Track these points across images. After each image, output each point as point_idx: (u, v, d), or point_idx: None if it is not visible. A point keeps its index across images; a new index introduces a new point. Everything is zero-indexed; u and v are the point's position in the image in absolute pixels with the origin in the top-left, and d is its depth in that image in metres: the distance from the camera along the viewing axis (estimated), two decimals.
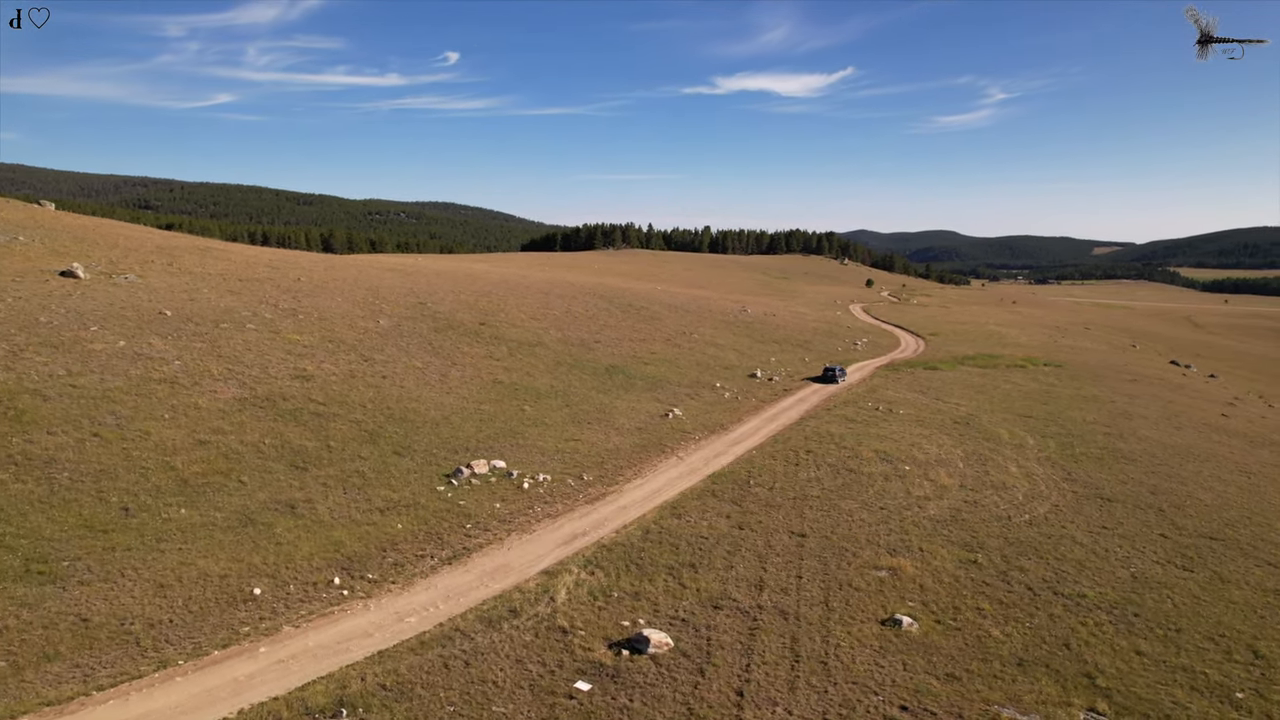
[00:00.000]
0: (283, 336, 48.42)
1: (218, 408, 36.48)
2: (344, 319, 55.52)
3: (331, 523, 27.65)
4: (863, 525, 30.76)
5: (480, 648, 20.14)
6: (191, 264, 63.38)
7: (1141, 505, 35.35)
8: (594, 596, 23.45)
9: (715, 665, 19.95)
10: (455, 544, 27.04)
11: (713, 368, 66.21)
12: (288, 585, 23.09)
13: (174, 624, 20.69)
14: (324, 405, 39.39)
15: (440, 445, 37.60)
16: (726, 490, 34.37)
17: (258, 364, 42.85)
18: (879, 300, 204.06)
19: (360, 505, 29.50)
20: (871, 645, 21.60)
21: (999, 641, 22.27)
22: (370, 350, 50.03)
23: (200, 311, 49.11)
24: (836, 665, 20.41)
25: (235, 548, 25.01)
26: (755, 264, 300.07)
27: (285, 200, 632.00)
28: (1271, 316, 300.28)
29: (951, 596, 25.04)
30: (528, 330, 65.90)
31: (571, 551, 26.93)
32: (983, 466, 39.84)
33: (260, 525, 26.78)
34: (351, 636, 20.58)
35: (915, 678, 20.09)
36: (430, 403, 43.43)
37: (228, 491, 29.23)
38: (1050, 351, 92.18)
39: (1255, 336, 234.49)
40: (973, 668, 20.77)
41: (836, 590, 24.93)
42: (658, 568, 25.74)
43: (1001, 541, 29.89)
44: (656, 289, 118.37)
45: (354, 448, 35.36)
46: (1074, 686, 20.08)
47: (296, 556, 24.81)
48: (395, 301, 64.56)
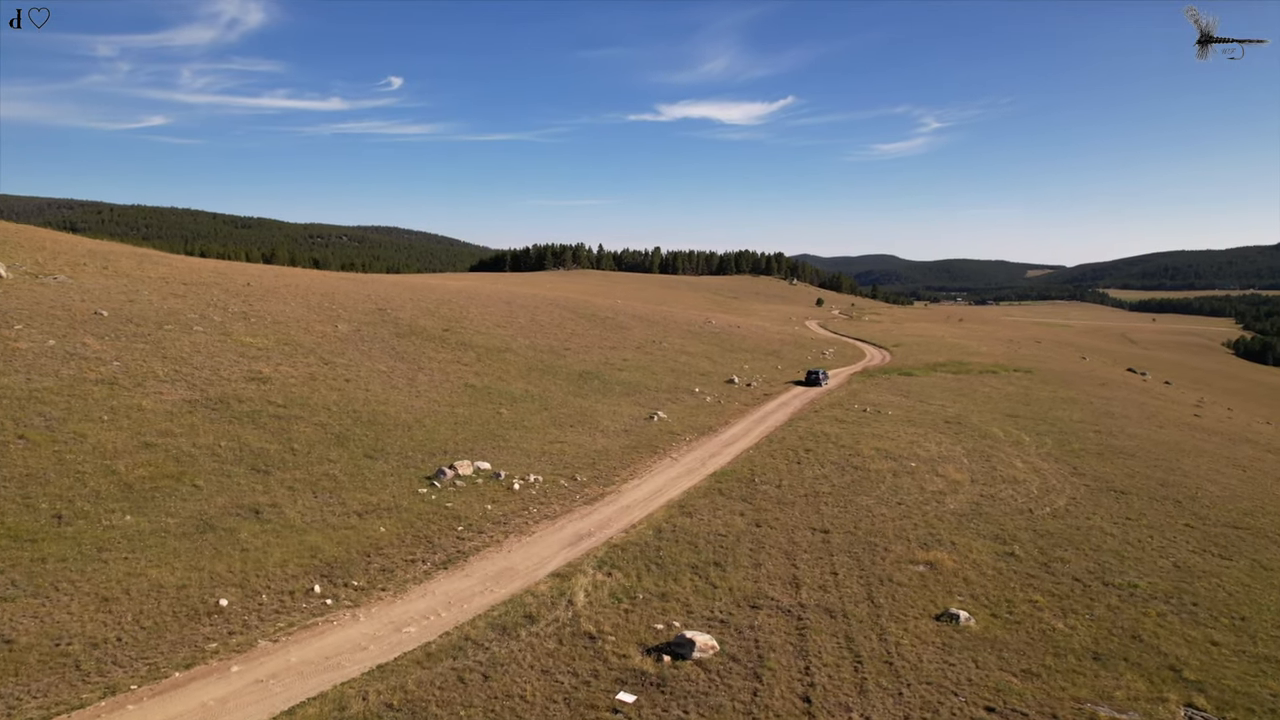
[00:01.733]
0: (234, 339, 44.46)
1: (164, 409, 32.61)
2: (299, 323, 51.66)
3: (304, 527, 24.26)
4: (885, 520, 28.61)
5: (498, 658, 17.15)
6: (128, 267, 58.59)
7: (1156, 497, 34.11)
8: (617, 599, 20.65)
9: (771, 669, 17.36)
10: (448, 547, 23.92)
11: (688, 374, 63.95)
12: (259, 595, 19.71)
13: (123, 643, 17.18)
14: (284, 408, 35.76)
15: (415, 448, 34.34)
16: (734, 488, 31.92)
17: (208, 366, 38.94)
18: (832, 317, 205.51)
19: (334, 509, 26.13)
20: (933, 642, 19.30)
21: (1065, 635, 20.21)
22: (330, 354, 46.37)
23: (141, 313, 44.84)
24: (903, 665, 18.02)
25: (193, 555, 21.49)
26: (706, 284, 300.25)
27: (223, 223, 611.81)
28: (1197, 333, 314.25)
29: (999, 589, 22.97)
30: (494, 337, 62.74)
31: (580, 552, 24.06)
32: (987, 462, 38.27)
33: (221, 531, 23.26)
34: (342, 650, 17.36)
35: (991, 676, 17.82)
36: (400, 406, 40.05)
37: (180, 496, 25.56)
38: (1014, 360, 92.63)
39: (1187, 351, 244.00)
40: (1048, 663, 18.62)
41: (878, 586, 22.62)
42: (680, 567, 23.06)
43: (1031, 534, 28.08)
44: (617, 302, 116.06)
45: (321, 450, 31.89)
46: (1161, 680, 18.06)
47: (267, 563, 21.40)
48: (353, 308, 60.76)
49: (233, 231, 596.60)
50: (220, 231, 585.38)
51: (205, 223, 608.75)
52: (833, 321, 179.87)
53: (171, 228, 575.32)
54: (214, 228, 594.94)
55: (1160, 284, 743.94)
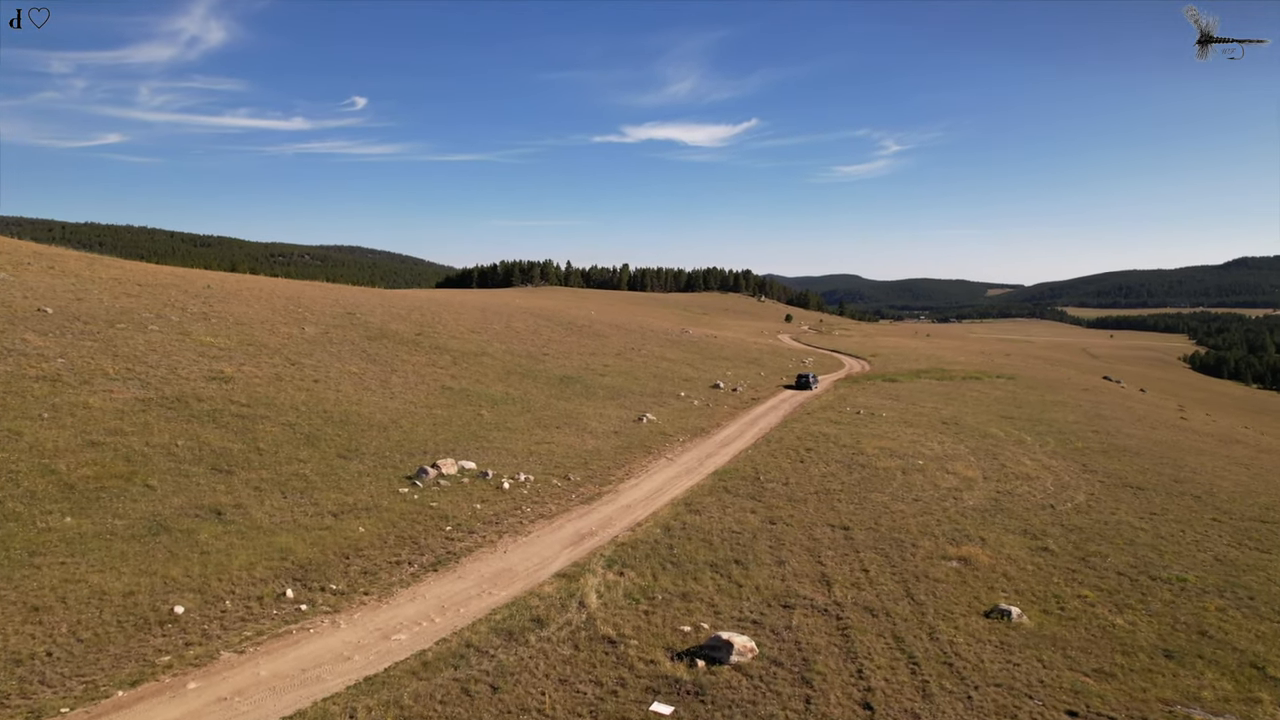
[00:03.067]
0: (193, 339, 41.35)
1: (114, 408, 29.58)
2: (264, 324, 48.60)
3: (272, 528, 21.53)
4: (905, 517, 26.66)
5: (506, 667, 14.70)
6: (78, 268, 54.94)
7: (1173, 493, 32.72)
8: (634, 599, 18.31)
9: (820, 673, 15.15)
10: (437, 548, 21.37)
11: (672, 379, 61.84)
12: (222, 601, 17.00)
13: (54, 658, 14.41)
14: (248, 407, 32.87)
15: (393, 448, 31.67)
16: (740, 486, 29.78)
17: (164, 364, 35.87)
18: (804, 332, 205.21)
19: (306, 509, 23.42)
20: (990, 641, 17.27)
21: (1127, 631, 18.34)
22: (297, 355, 43.43)
23: (90, 311, 41.53)
24: (964, 665, 15.95)
25: (143, 559, 18.69)
26: (675, 301, 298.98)
27: (181, 242, 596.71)
28: (1154, 348, 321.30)
29: (1043, 585, 21.09)
30: (470, 342, 60.07)
31: (585, 552, 21.67)
32: (995, 460, 36.67)
33: (178, 533, 20.46)
34: (322, 661, 14.76)
35: (1062, 676, 15.82)
36: (374, 406, 37.31)
37: (130, 497, 22.67)
38: (994, 368, 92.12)
39: (1146, 365, 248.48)
40: (1119, 662, 16.68)
41: (914, 582, 20.59)
42: (699, 565, 20.79)
43: (1060, 529, 26.34)
44: (591, 313, 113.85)
45: (289, 450, 29.10)
46: (1247, 680, 16.22)
47: (231, 566, 18.68)
48: (320, 311, 57.72)
49: (191, 250, 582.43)
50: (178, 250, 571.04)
51: (162, 241, 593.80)
52: (805, 335, 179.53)
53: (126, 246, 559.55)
54: (171, 246, 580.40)
55: (1115, 302, 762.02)
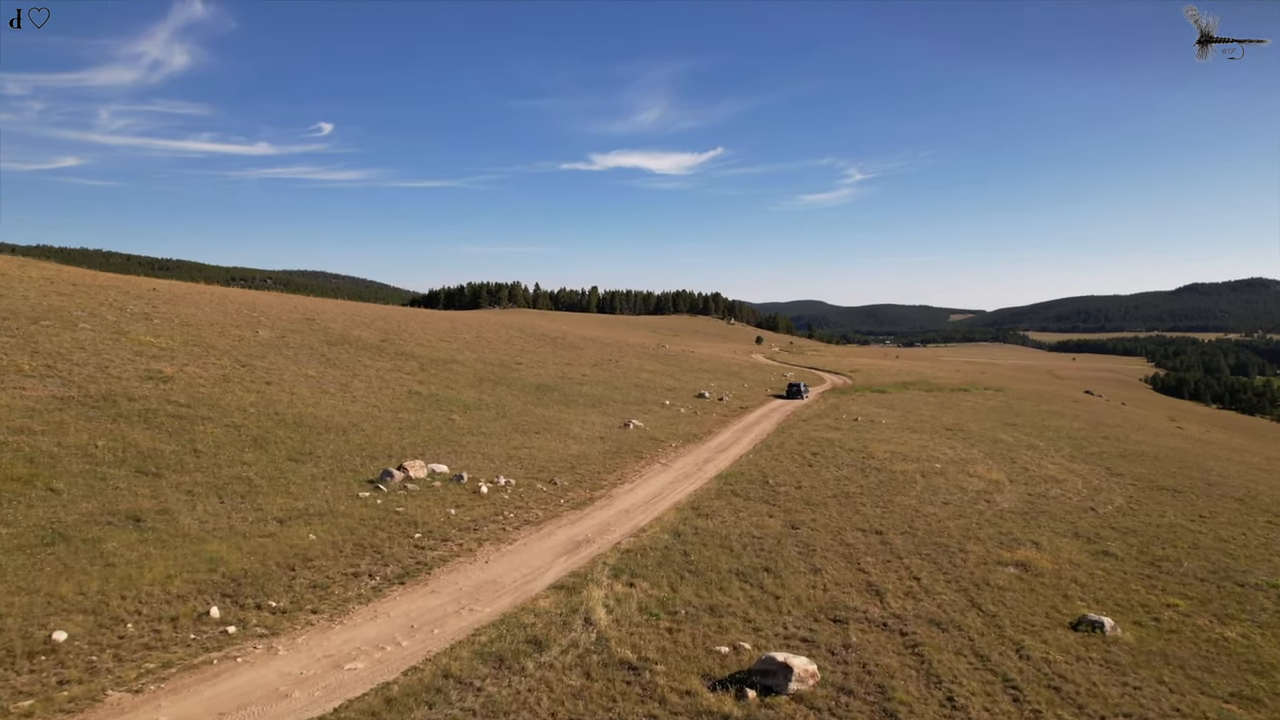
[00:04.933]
0: (131, 338, 37.09)
1: (24, 406, 25.39)
2: (213, 326, 44.38)
3: (202, 536, 17.65)
4: (940, 520, 23.53)
5: (499, 703, 11.09)
6: (7, 269, 50.17)
7: (1213, 496, 30.09)
8: (651, 614, 14.80)
9: (903, 703, 11.80)
10: (404, 558, 17.65)
11: (654, 389, 58.51)
12: (122, 623, 13.15)
13: None
14: (188, 407, 28.82)
15: (353, 451, 27.84)
16: (749, 490, 26.44)
17: (92, 363, 31.67)
18: (776, 353, 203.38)
19: (246, 514, 19.55)
20: (1091, 658, 14.07)
21: (1244, 646, 15.27)
22: (249, 357, 39.32)
23: (11, 308, 37.10)
24: (1074, 691, 12.70)
25: (26, 574, 14.73)
26: (645, 323, 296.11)
27: (138, 265, 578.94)
28: (1115, 370, 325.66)
29: (1123, 592, 18.00)
30: (438, 350, 56.23)
31: (584, 560, 18.12)
32: (1014, 464, 33.85)
33: (78, 542, 16.50)
34: (249, 700, 11.01)
35: (1199, 702, 12.65)
36: (333, 409, 33.40)
37: (26, 502, 18.62)
38: (978, 382, 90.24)
39: (1110, 386, 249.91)
40: (1255, 684, 13.56)
41: (976, 591, 17.37)
42: (722, 574, 17.35)
43: (1113, 531, 23.40)
44: (564, 327, 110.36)
45: (232, 452, 25.13)
46: None
47: (140, 581, 14.79)
48: (277, 316, 53.54)
49: (149, 273, 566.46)
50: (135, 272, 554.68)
51: (118, 264, 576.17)
52: (778, 356, 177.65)
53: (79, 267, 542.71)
54: (128, 269, 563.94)
55: (1075, 326, 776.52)
